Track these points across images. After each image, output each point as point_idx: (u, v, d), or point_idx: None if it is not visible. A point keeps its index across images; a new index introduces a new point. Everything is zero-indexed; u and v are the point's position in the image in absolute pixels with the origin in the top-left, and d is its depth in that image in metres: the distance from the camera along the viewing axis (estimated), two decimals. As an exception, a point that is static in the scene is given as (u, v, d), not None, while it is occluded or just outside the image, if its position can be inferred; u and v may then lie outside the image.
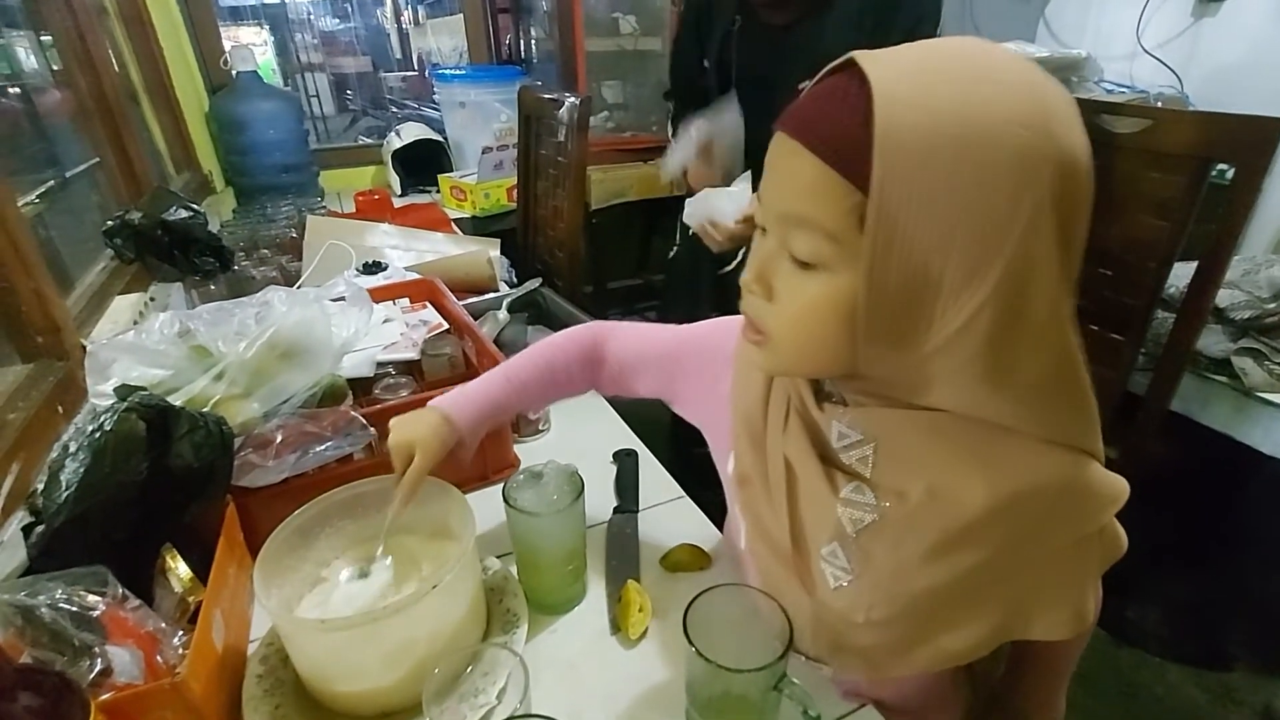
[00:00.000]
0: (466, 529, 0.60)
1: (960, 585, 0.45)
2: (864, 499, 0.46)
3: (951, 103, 0.35)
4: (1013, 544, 0.44)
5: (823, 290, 0.40)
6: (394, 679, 0.55)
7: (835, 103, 0.38)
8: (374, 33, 4.58)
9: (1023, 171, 0.35)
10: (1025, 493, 0.42)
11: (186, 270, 1.33)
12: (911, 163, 0.35)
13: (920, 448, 0.44)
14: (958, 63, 0.37)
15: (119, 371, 0.66)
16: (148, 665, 0.54)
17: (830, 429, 0.47)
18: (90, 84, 1.45)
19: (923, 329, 0.39)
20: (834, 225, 0.38)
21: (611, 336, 0.70)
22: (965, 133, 0.35)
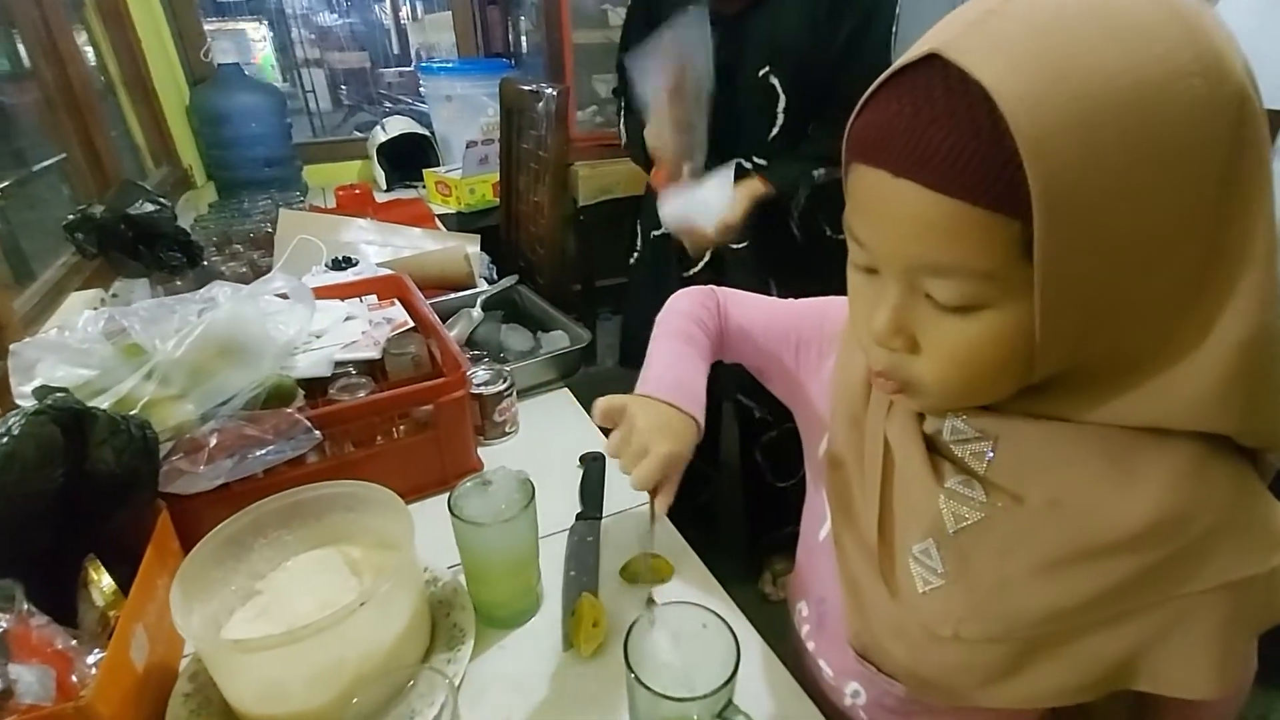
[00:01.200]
0: (405, 541, 0.56)
1: (1075, 614, 0.39)
2: (973, 494, 0.41)
3: (1097, 76, 0.28)
4: (1148, 574, 0.37)
5: (985, 331, 0.34)
6: (322, 702, 0.52)
7: (940, 118, 0.31)
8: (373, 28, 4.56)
9: (1204, 133, 0.29)
10: (1176, 518, 0.35)
11: (152, 266, 1.30)
12: (1073, 166, 0.29)
13: (1048, 451, 0.38)
14: (1077, 18, 0.29)
15: (43, 371, 0.62)
16: (60, 685, 0.51)
17: (944, 420, 0.42)
18: (57, 77, 1.42)
19: (1108, 333, 0.34)
20: (989, 264, 0.32)
21: (728, 301, 0.68)
22: (1126, 109, 0.28)
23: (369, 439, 0.80)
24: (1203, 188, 0.30)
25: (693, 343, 0.63)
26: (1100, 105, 0.28)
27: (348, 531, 0.63)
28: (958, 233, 0.32)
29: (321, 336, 0.92)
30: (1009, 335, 0.34)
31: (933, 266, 0.34)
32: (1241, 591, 0.37)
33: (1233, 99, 0.30)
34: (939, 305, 0.35)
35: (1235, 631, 0.39)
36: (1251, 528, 0.37)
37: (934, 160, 0.31)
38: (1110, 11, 0.29)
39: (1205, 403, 0.34)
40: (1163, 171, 0.29)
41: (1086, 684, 0.41)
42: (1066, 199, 0.29)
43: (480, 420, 0.92)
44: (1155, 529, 0.36)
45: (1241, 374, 0.33)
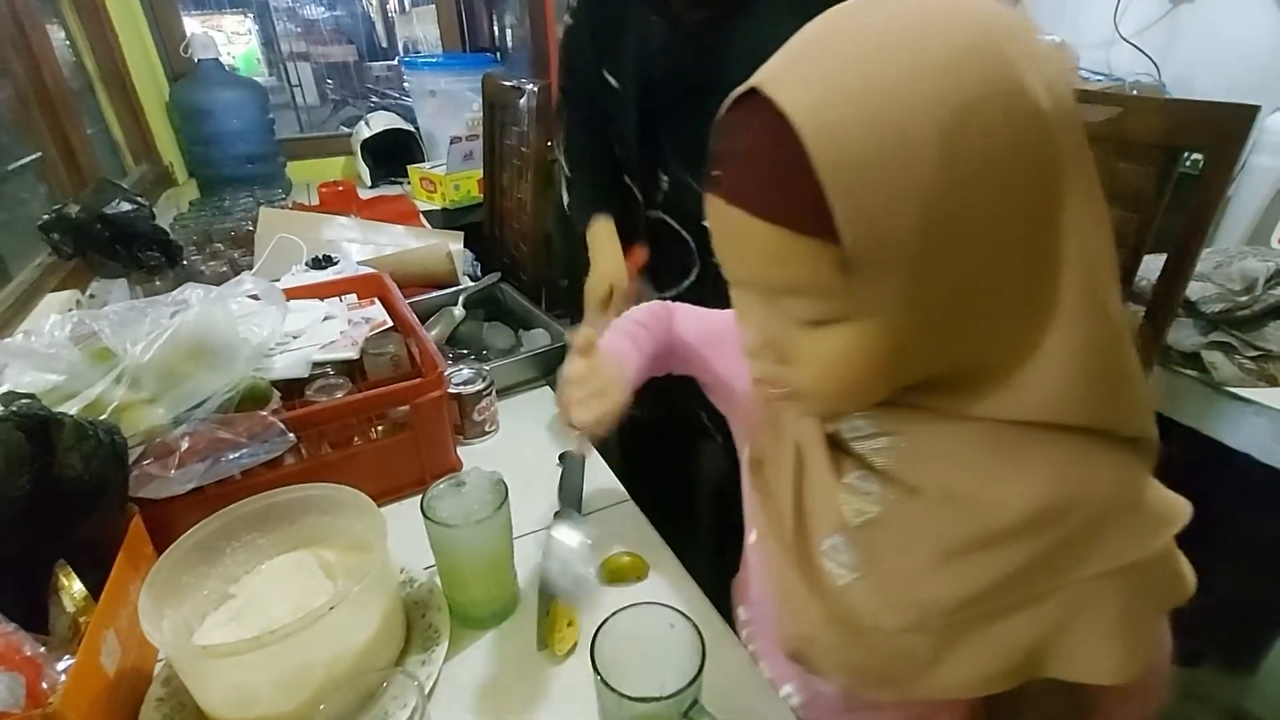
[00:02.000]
0: (377, 544, 0.56)
1: (982, 600, 0.40)
2: (868, 488, 0.42)
3: (896, 106, 0.30)
4: (1042, 560, 0.38)
5: (845, 342, 0.36)
6: (291, 707, 0.52)
7: (757, 150, 0.33)
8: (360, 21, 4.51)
9: (1012, 150, 0.30)
10: (1063, 503, 0.37)
11: (130, 266, 1.29)
12: (875, 193, 0.30)
13: (940, 445, 0.40)
14: (882, 50, 0.31)
15: (10, 377, 0.62)
16: (30, 692, 0.51)
17: (844, 419, 0.43)
18: (30, 73, 1.40)
19: (957, 337, 0.35)
20: (823, 282, 0.33)
21: (675, 313, 0.69)
22: (926, 137, 0.29)
23: (346, 440, 0.80)
24: (1012, 206, 0.32)
25: (634, 339, 0.65)
26: (896, 135, 0.30)
27: (322, 534, 0.63)
28: (788, 257, 0.33)
29: (299, 337, 0.92)
30: (867, 346, 0.35)
31: (777, 286, 0.36)
32: (1134, 575, 0.39)
33: (1032, 120, 0.31)
34: (799, 322, 0.37)
35: (1135, 615, 0.40)
36: (1135, 512, 0.38)
37: (755, 191, 0.33)
38: (915, 42, 0.31)
39: (1057, 400, 0.35)
40: (965, 194, 0.31)
41: (1005, 670, 0.42)
42: (871, 224, 0.31)
43: (460, 419, 0.92)
44: (1042, 515, 0.37)
45: (1082, 374, 0.35)
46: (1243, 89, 1.55)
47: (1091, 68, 1.77)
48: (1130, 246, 1.09)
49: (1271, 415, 1.03)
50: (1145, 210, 1.07)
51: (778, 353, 0.39)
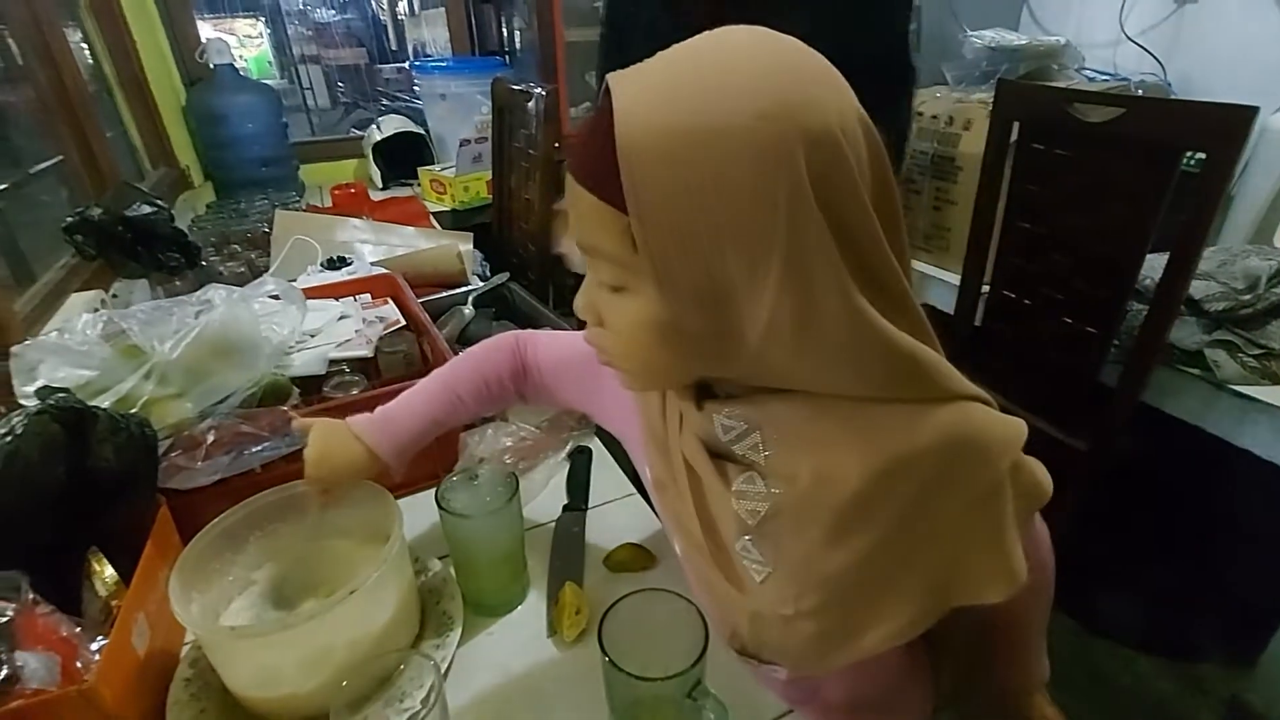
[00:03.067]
0: (394, 534, 0.59)
1: (873, 562, 0.44)
2: (755, 488, 0.46)
3: (685, 107, 0.35)
4: (911, 511, 0.42)
5: (635, 309, 0.41)
6: (312, 686, 0.54)
7: (593, 132, 0.38)
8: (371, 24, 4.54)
9: (768, 161, 0.35)
10: (905, 456, 0.41)
11: (151, 267, 1.32)
12: (659, 177, 0.35)
13: (801, 428, 0.43)
14: (696, 64, 0.37)
15: (45, 372, 0.65)
16: (65, 671, 0.54)
17: (714, 423, 0.47)
18: (51, 78, 1.44)
19: (735, 330, 0.39)
20: (616, 249, 0.39)
21: (531, 345, 0.69)
22: (700, 136, 0.35)
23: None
24: (769, 211, 0.35)
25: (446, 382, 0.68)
26: (679, 128, 0.35)
27: (340, 524, 0.66)
28: (595, 221, 0.39)
29: (316, 335, 0.94)
30: (649, 317, 0.40)
31: (589, 246, 0.42)
32: (995, 496, 0.43)
33: (796, 139, 0.35)
34: (606, 286, 0.42)
35: (1003, 532, 0.45)
36: (975, 444, 0.42)
37: (582, 160, 0.40)
38: (722, 60, 0.36)
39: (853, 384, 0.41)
40: (727, 194, 0.35)
41: (921, 613, 0.45)
42: (649, 202, 0.36)
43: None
44: (888, 472, 0.41)
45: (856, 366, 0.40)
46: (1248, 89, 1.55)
47: (1097, 67, 1.78)
48: (1133, 246, 1.10)
49: (1274, 413, 1.04)
50: (1147, 209, 1.08)
51: (593, 314, 0.45)
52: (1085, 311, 1.20)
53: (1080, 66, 1.72)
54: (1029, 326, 1.30)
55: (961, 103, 1.51)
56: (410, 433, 0.65)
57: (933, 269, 1.60)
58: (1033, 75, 1.65)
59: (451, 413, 0.67)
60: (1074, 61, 1.67)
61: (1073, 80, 1.67)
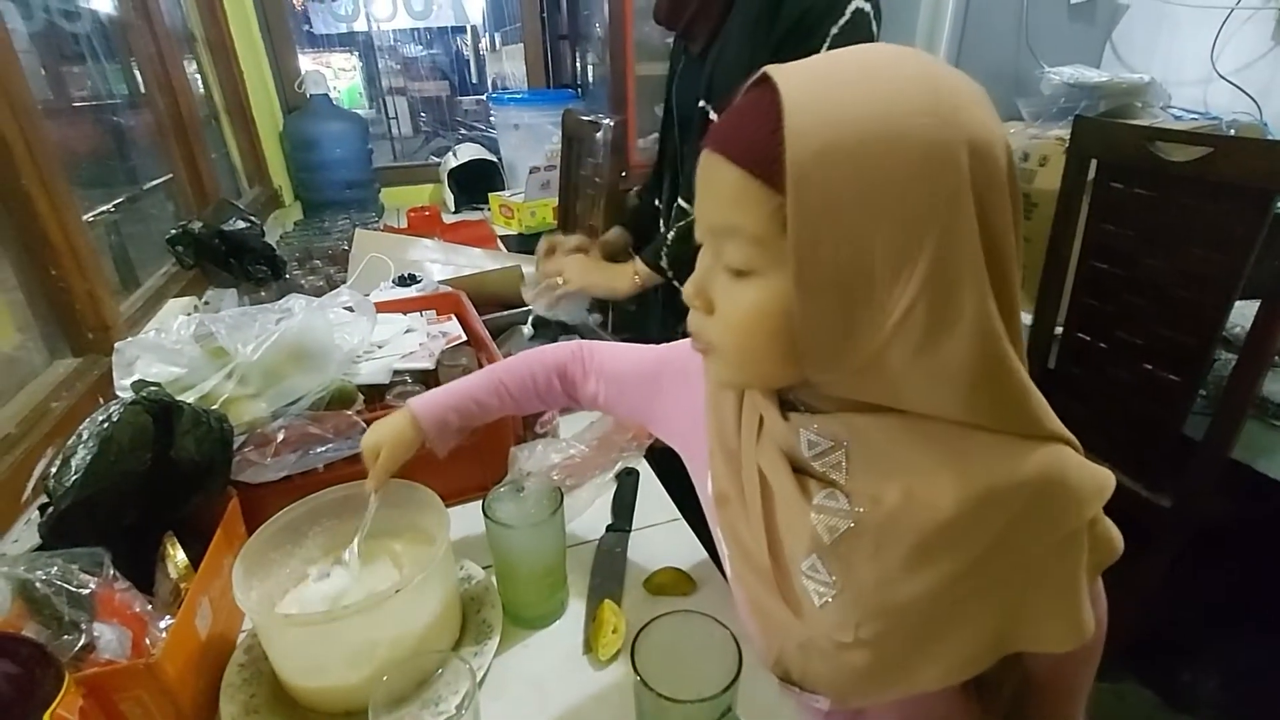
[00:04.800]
0: (440, 538, 0.61)
1: (948, 593, 0.43)
2: (838, 504, 0.45)
3: (854, 102, 0.37)
4: (995, 545, 0.41)
5: (758, 296, 0.41)
6: (357, 679, 0.56)
7: (750, 114, 0.40)
8: (454, 59, 4.80)
9: (934, 160, 0.36)
10: (1000, 489, 0.40)
11: (240, 277, 1.42)
12: (822, 162, 0.36)
13: (891, 449, 0.42)
14: (857, 66, 0.38)
15: (141, 368, 0.71)
16: (135, 645, 0.57)
17: (799, 437, 0.46)
18: (168, 106, 1.58)
19: (861, 326, 0.39)
20: (759, 229, 0.39)
21: (592, 355, 0.71)
22: (870, 128, 0.36)
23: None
24: (930, 207, 0.36)
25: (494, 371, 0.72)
26: (849, 120, 0.36)
27: (392, 526, 0.69)
28: (740, 197, 0.39)
29: (383, 347, 0.99)
30: (776, 306, 0.40)
31: (725, 227, 0.41)
32: (1073, 544, 0.43)
33: (961, 140, 0.36)
34: (730, 271, 0.42)
35: (1075, 584, 0.44)
36: (1065, 488, 0.41)
37: (736, 137, 0.40)
38: (882, 64, 0.38)
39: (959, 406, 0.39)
40: (892, 184, 0.36)
41: (978, 655, 0.44)
42: (809, 181, 0.36)
43: (523, 430, 0.97)
44: (984, 502, 0.40)
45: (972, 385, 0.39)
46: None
47: (1187, 106, 1.70)
48: (1220, 291, 1.04)
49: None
50: (1237, 254, 1.02)
51: (705, 300, 0.44)
52: (1167, 358, 1.13)
53: (1166, 105, 1.65)
54: (1106, 372, 1.24)
55: (1037, 139, 1.47)
56: (446, 405, 0.69)
57: (1001, 308, 1.55)
58: (1114, 113, 1.60)
59: (492, 395, 0.70)
60: (1159, 99, 1.61)
61: (1157, 119, 1.61)
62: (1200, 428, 1.09)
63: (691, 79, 1.06)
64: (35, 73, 1.22)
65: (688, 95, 1.07)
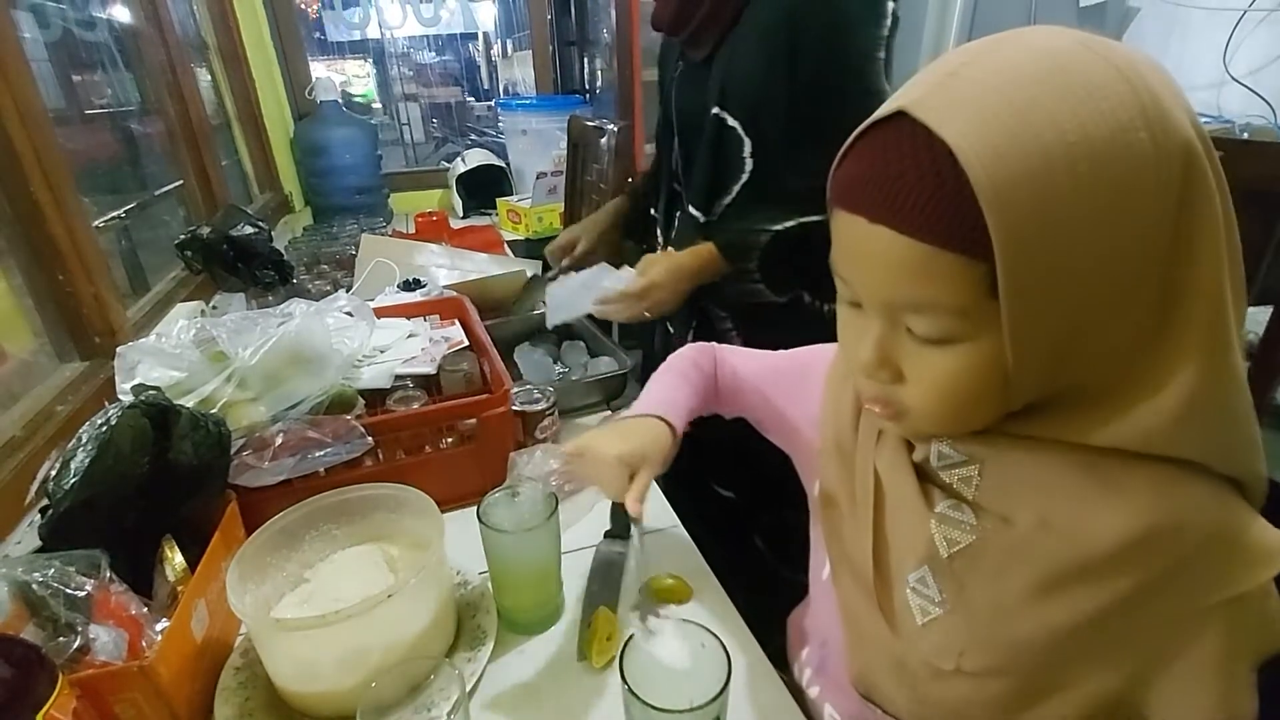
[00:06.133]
0: (434, 543, 0.61)
1: (1074, 637, 0.39)
2: (962, 517, 0.42)
3: (1049, 132, 0.31)
4: (1144, 590, 0.37)
5: (962, 362, 0.37)
6: (350, 684, 0.56)
7: (908, 171, 0.34)
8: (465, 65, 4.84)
9: (1155, 176, 0.31)
10: (1166, 528, 0.36)
11: (248, 282, 1.43)
12: (1031, 215, 0.31)
13: (1033, 472, 0.39)
14: (1031, 79, 0.32)
15: (143, 372, 0.71)
16: (131, 648, 0.58)
17: (930, 446, 0.43)
18: (180, 113, 1.61)
19: (1074, 362, 0.36)
20: (960, 301, 0.34)
21: (724, 353, 0.71)
22: (1078, 162, 0.31)
23: (418, 447, 0.86)
24: (1152, 233, 0.33)
25: (683, 376, 0.69)
26: (1052, 158, 0.31)
27: (388, 531, 0.69)
28: (930, 273, 0.35)
29: (385, 351, 1.00)
30: (985, 367, 0.36)
31: (910, 304, 0.37)
32: (1234, 612, 0.37)
33: (1178, 151, 0.32)
34: (919, 338, 0.38)
35: (1234, 658, 0.38)
36: (1236, 544, 0.37)
37: (905, 208, 0.34)
38: (1060, 72, 0.32)
39: (1167, 432, 0.35)
40: (1113, 218, 0.32)
41: (1092, 711, 0.40)
42: (1024, 243, 0.32)
43: (523, 436, 0.97)
44: (1139, 542, 0.36)
45: (1194, 410, 0.34)
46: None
47: (1200, 109, 1.67)
48: (1231, 297, 1.03)
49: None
50: (1249, 260, 1.01)
51: (892, 371, 0.40)
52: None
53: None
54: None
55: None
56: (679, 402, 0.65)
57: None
58: (1125, 117, 1.58)
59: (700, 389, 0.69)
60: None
61: (1169, 122, 1.59)
62: (1211, 436, 1.07)
63: (695, 85, 1.05)
64: (51, 81, 1.24)
65: (692, 102, 1.06)
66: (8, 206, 0.90)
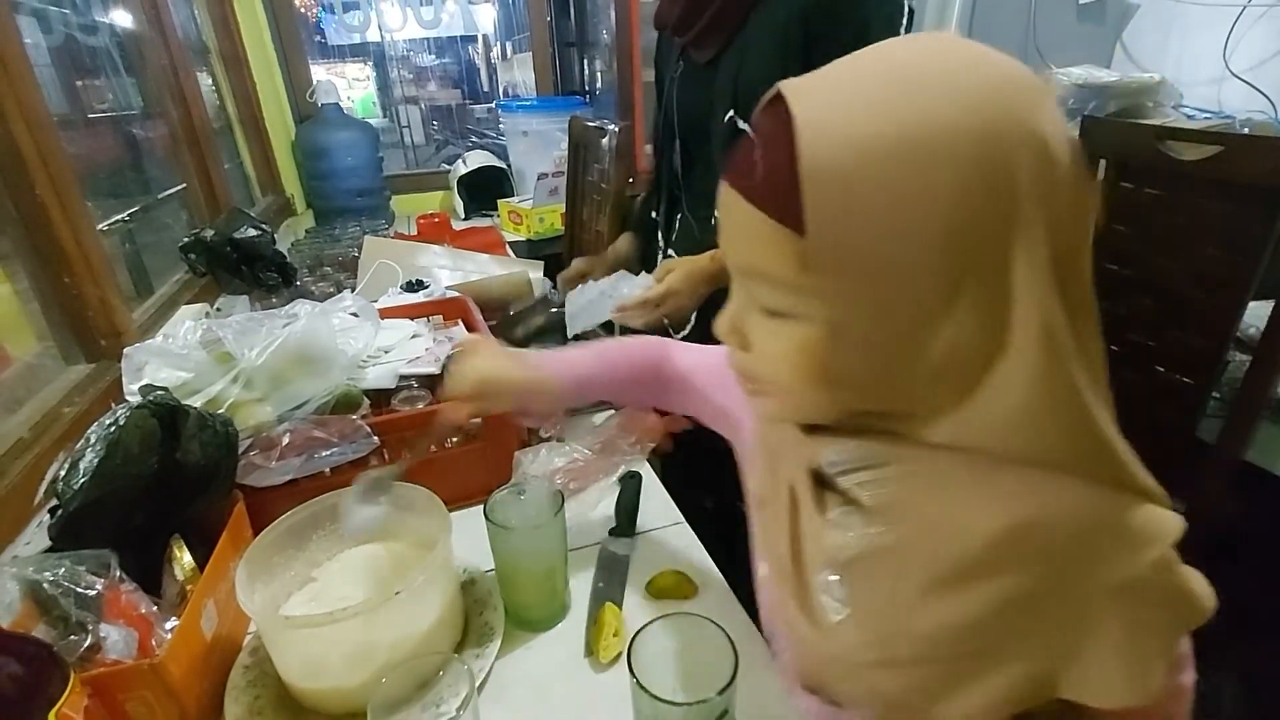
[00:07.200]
0: (441, 540, 0.61)
1: (980, 629, 0.39)
2: (852, 522, 0.42)
3: (883, 121, 0.32)
4: (1031, 586, 0.38)
5: (794, 338, 0.38)
6: (357, 681, 0.57)
7: (764, 143, 0.36)
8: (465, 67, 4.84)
9: (985, 169, 0.31)
10: (1041, 523, 0.36)
11: (252, 284, 1.44)
12: (845, 197, 0.32)
13: (920, 476, 0.40)
14: (886, 68, 0.33)
15: (150, 373, 0.72)
16: (141, 646, 0.58)
17: (821, 454, 0.44)
18: (182, 117, 1.61)
19: (905, 363, 0.36)
20: (786, 274, 0.36)
21: (673, 347, 0.68)
22: (907, 144, 0.31)
23: (424, 447, 0.86)
24: (985, 224, 0.32)
25: (600, 352, 0.68)
26: (877, 144, 0.32)
27: (395, 529, 0.69)
28: (763, 241, 0.36)
29: (390, 352, 1.00)
30: (811, 348, 0.37)
31: (749, 270, 0.39)
32: (1132, 594, 0.37)
33: (1016, 141, 0.31)
34: (761, 309, 0.39)
35: (1141, 634, 0.38)
36: (1117, 531, 0.37)
37: (751, 172, 0.36)
38: (919, 72, 0.33)
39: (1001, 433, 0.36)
40: (936, 206, 0.32)
41: (1017, 697, 0.40)
42: (830, 223, 0.33)
43: (528, 435, 0.97)
44: (1011, 538, 0.36)
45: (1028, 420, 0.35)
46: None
47: (1200, 105, 1.68)
48: (1233, 292, 1.03)
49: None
50: (1251, 254, 1.01)
51: (740, 338, 0.42)
52: (1179, 360, 1.12)
53: (1178, 104, 1.63)
54: (1117, 374, 1.20)
55: (1045, 141, 1.46)
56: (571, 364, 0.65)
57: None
58: (1125, 113, 1.58)
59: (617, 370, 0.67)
60: (1170, 99, 1.59)
61: (1169, 118, 1.59)
62: (1214, 431, 1.08)
63: (698, 88, 1.04)
64: (54, 86, 1.24)
65: (695, 105, 1.05)
66: (14, 210, 0.90)
